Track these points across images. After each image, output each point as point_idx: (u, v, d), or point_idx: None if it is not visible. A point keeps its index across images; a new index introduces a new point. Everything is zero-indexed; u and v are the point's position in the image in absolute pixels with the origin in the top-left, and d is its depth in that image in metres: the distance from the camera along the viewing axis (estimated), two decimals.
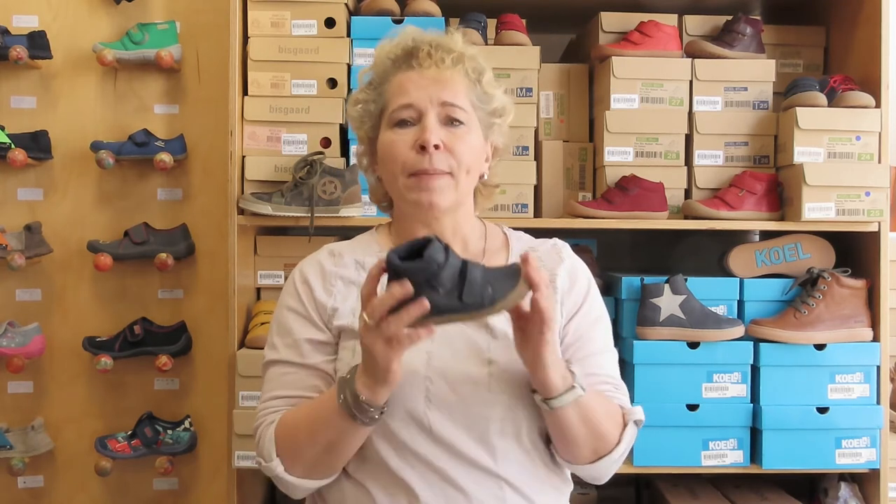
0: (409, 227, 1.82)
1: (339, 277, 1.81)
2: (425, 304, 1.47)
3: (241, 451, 2.74)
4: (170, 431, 3.12)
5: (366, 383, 1.59)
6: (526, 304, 1.56)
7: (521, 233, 1.94)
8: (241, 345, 2.84)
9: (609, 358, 1.85)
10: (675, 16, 3.04)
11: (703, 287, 2.84)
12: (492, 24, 3.02)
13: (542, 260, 1.83)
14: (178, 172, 3.20)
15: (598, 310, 1.86)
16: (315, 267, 1.84)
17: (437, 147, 1.72)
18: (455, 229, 1.82)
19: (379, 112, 1.81)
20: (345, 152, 2.91)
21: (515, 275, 1.55)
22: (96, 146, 3.09)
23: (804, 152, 2.84)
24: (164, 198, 3.22)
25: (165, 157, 3.07)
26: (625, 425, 1.76)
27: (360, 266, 1.82)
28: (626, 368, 2.76)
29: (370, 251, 1.85)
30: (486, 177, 1.86)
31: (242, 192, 2.83)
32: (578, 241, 3.01)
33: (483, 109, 1.81)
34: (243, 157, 2.87)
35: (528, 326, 1.58)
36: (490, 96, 1.82)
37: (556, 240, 1.92)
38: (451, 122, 1.75)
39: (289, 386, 1.79)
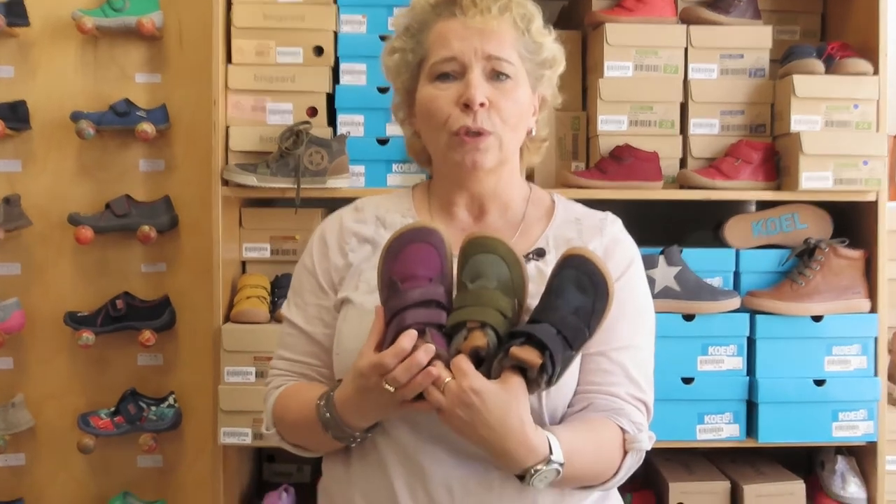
0: (449, 188, 1.75)
1: (353, 234, 1.75)
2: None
3: (227, 427, 2.74)
4: (154, 408, 3.11)
5: (356, 414, 1.57)
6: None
7: (572, 202, 1.84)
8: (227, 319, 2.83)
9: (630, 356, 1.67)
10: None
11: (698, 258, 2.84)
12: None
13: (580, 232, 1.74)
14: (160, 143, 3.18)
15: (629, 299, 1.69)
16: (334, 223, 1.79)
17: (482, 105, 1.63)
18: (496, 192, 1.74)
19: (418, 62, 1.72)
20: (332, 121, 2.89)
21: None
22: (76, 116, 3.07)
23: (801, 121, 2.83)
24: (146, 169, 3.19)
25: (147, 128, 3.05)
26: (625, 453, 1.62)
27: (381, 223, 1.76)
28: None
29: (398, 209, 1.78)
30: (533, 132, 1.77)
31: (227, 163, 2.82)
32: None
33: (531, 60, 1.71)
34: (227, 127, 2.85)
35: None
36: (539, 46, 1.72)
37: (608, 214, 1.81)
38: (496, 76, 1.66)
39: (290, 348, 1.78)
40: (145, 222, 3.09)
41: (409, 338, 1.45)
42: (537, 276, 1.65)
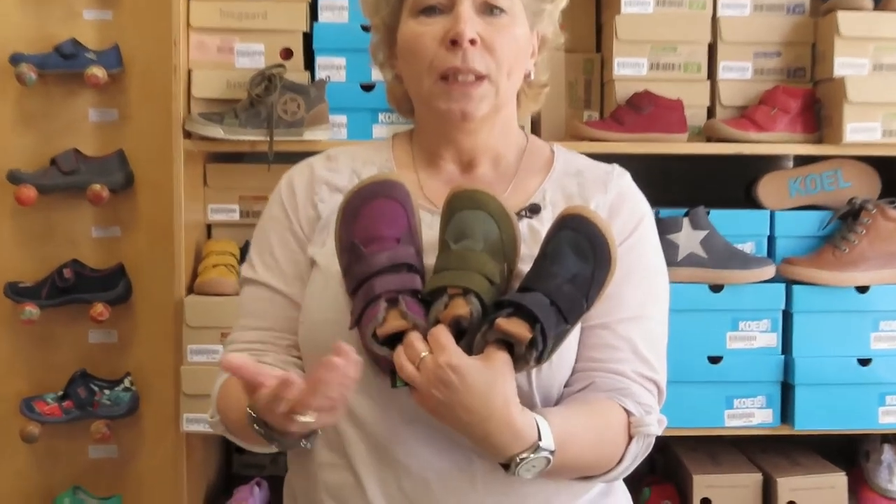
0: (434, 139, 1.74)
1: (325, 182, 1.74)
2: None
3: (191, 413, 2.76)
4: (107, 391, 3.12)
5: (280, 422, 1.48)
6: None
7: (574, 153, 1.82)
8: (190, 290, 2.85)
9: (638, 329, 1.66)
10: None
11: (727, 221, 2.86)
12: None
13: (582, 187, 1.73)
14: (112, 89, 3.16)
15: (638, 263, 1.68)
16: (304, 172, 1.77)
17: (472, 42, 1.60)
18: (487, 144, 1.73)
19: None
20: (309, 65, 2.89)
21: None
22: (16, 59, 3.05)
23: (846, 64, 2.84)
24: (96, 119, 3.18)
25: (98, 72, 3.03)
26: (630, 438, 1.61)
27: (356, 176, 1.72)
28: None
29: (375, 161, 1.77)
30: (531, 76, 1.76)
31: (189, 113, 2.82)
32: None
33: None
34: (189, 71, 2.85)
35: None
36: None
37: (615, 166, 1.79)
38: (489, 9, 1.63)
39: (261, 316, 1.73)
40: (96, 180, 3.08)
41: (273, 379, 1.40)
42: (530, 237, 1.64)
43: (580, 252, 1.51)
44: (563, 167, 1.77)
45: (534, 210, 1.70)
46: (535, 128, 2.90)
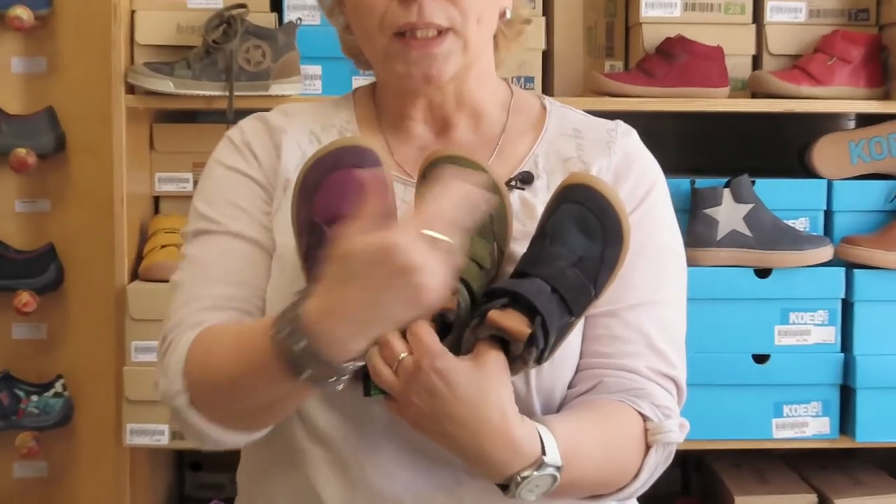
0: (399, 98, 1.69)
1: (283, 132, 1.68)
2: None
3: (136, 423, 2.77)
4: (35, 397, 3.12)
5: (353, 327, 1.36)
6: None
7: (569, 108, 1.78)
8: (134, 276, 2.85)
9: (652, 316, 1.63)
10: None
11: (776, 192, 2.86)
12: None
13: (581, 148, 1.69)
14: (40, 34, 3.18)
15: (650, 237, 1.65)
16: (256, 123, 1.72)
17: None
18: (461, 99, 1.69)
19: None
20: (276, 6, 2.90)
21: None
22: None
23: None
24: (21, 70, 3.20)
25: (22, 13, 3.04)
26: (648, 447, 1.58)
27: (315, 138, 1.68)
28: None
29: (335, 121, 1.73)
30: (508, 14, 1.70)
31: (132, 63, 2.82)
32: None
33: None
34: (132, 11, 2.86)
35: None
36: None
37: (619, 123, 1.75)
38: None
39: (235, 270, 1.63)
40: (20, 143, 3.09)
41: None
42: (522, 211, 1.62)
43: (587, 229, 1.47)
44: (558, 126, 1.74)
45: (525, 180, 1.66)
46: (547, 81, 2.88)
